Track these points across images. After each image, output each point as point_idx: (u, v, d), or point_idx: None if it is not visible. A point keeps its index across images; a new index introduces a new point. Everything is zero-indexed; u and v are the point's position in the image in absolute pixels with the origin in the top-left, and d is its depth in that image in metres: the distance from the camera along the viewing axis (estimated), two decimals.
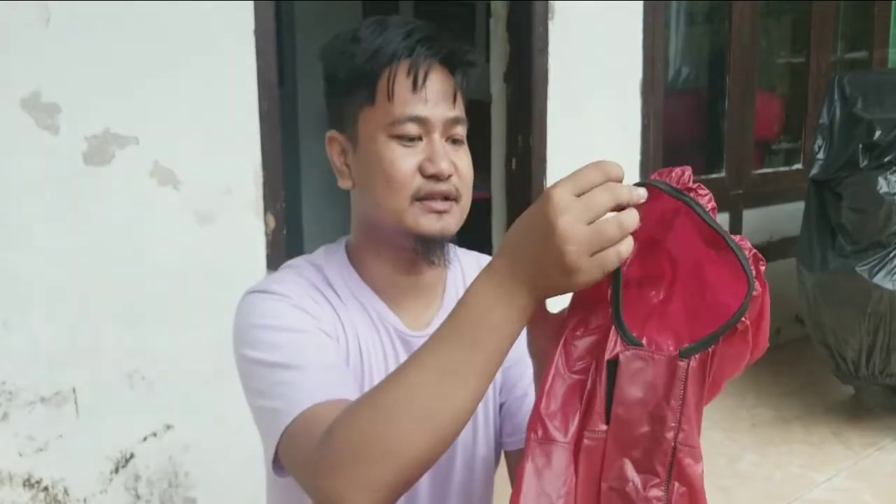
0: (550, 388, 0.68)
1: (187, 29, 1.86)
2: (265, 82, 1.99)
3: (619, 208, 0.65)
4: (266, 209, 2.01)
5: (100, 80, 1.76)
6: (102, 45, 1.76)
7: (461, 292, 1.05)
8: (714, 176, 3.61)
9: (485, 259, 1.15)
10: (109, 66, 1.77)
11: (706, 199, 0.68)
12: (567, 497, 0.67)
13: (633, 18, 3.02)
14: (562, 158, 2.79)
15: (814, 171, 2.95)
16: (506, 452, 1.12)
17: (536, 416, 0.68)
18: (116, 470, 1.86)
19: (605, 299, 0.69)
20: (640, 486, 0.66)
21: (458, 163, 0.96)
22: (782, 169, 4.09)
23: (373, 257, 1.01)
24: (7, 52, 1.65)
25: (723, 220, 3.29)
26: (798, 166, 4.04)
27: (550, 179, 2.75)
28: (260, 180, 2.00)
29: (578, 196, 0.64)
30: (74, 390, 1.78)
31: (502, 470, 1.12)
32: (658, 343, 0.67)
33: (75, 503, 1.81)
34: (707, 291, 0.67)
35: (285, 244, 2.07)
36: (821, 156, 2.95)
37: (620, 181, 0.66)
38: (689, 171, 0.69)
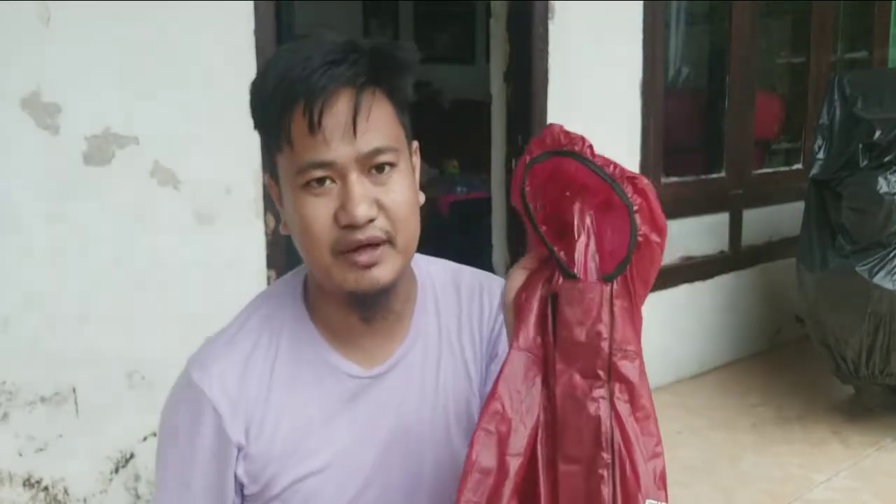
0: (524, 319, 0.84)
1: (187, 29, 1.86)
2: None
3: None
4: (266, 209, 2.01)
5: (100, 80, 1.76)
6: (102, 45, 1.76)
7: (430, 318, 1.00)
8: (714, 176, 3.61)
9: (463, 275, 1.07)
10: (109, 66, 1.77)
11: (581, 145, 0.81)
12: (531, 397, 0.83)
13: (632, 18, 3.02)
14: None
15: (814, 171, 2.95)
16: None
17: (515, 332, 0.84)
18: (116, 470, 1.86)
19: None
20: (586, 389, 0.79)
21: (385, 199, 0.84)
22: (782, 169, 4.09)
23: (323, 302, 0.94)
24: (7, 52, 1.65)
25: (722, 219, 3.26)
26: (798, 166, 4.04)
27: None
28: (260, 180, 2.00)
29: None
30: (74, 390, 1.78)
31: None
32: (590, 272, 0.82)
33: (75, 503, 1.81)
34: (615, 220, 0.81)
35: (285, 244, 2.07)
36: (821, 156, 2.95)
37: None
38: (554, 129, 0.82)
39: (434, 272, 1.04)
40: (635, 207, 0.79)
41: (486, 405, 0.83)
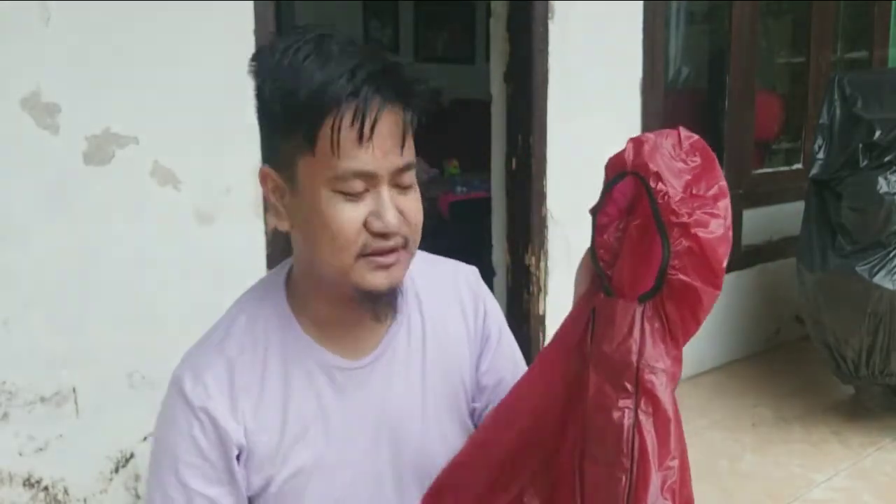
0: (568, 322, 0.94)
1: (187, 29, 1.86)
2: None
3: None
4: (266, 209, 2.01)
5: (100, 80, 1.76)
6: (102, 45, 1.76)
7: (412, 307, 1.04)
8: None
9: (437, 264, 1.12)
10: (109, 66, 1.77)
11: (645, 171, 0.85)
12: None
13: (633, 18, 3.02)
14: (562, 158, 2.79)
15: (814, 170, 2.95)
16: None
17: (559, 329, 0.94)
18: (116, 470, 1.86)
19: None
20: (614, 398, 0.84)
21: (405, 208, 0.89)
22: (782, 169, 4.09)
23: (314, 297, 0.97)
24: (7, 52, 1.65)
25: None
26: (798, 166, 4.04)
27: (550, 179, 2.75)
28: None
29: None
30: (74, 390, 1.78)
31: None
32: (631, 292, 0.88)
33: (75, 503, 1.81)
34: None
35: (285, 244, 2.07)
36: (821, 156, 2.95)
37: None
38: (627, 146, 0.87)
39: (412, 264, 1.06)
40: (679, 248, 0.83)
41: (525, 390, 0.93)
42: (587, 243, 0.92)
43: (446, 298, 1.08)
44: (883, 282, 2.62)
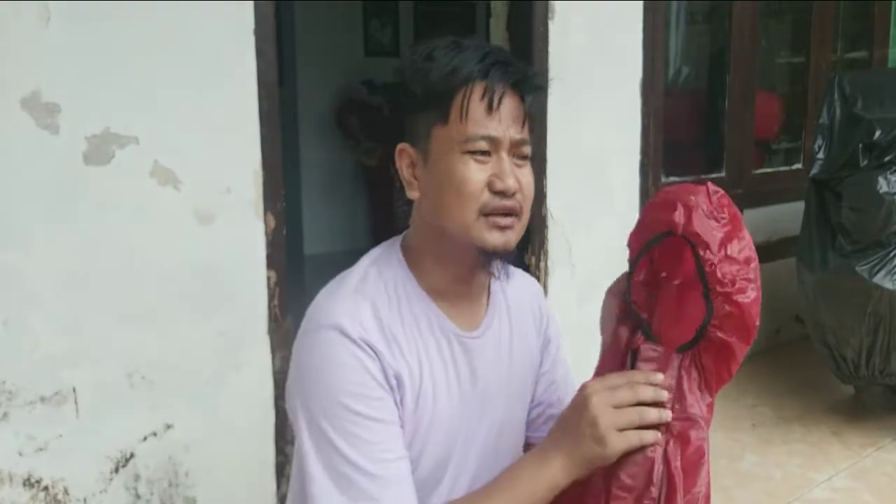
0: (608, 359, 1.05)
1: (187, 29, 1.86)
2: (265, 82, 1.99)
3: (649, 404, 0.93)
4: (266, 209, 2.01)
5: (100, 79, 1.76)
6: (102, 44, 1.76)
7: (501, 298, 1.16)
8: (714, 176, 3.61)
9: (516, 270, 1.23)
10: (109, 66, 1.77)
11: (696, 238, 0.95)
12: None
13: (633, 18, 3.01)
14: (561, 158, 2.79)
15: (814, 170, 2.96)
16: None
17: (598, 366, 1.06)
18: (116, 470, 1.86)
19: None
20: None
21: (521, 179, 1.02)
22: (782, 169, 4.09)
23: (433, 264, 1.07)
24: (7, 52, 1.65)
25: None
26: (798, 166, 4.05)
27: (550, 179, 2.75)
28: (260, 180, 2.00)
29: (608, 390, 0.92)
30: (74, 390, 1.78)
31: None
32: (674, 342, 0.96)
33: (75, 503, 1.81)
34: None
35: (285, 244, 2.07)
36: (821, 155, 2.95)
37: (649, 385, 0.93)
38: (687, 212, 0.97)
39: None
40: (721, 313, 0.92)
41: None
42: (587, 243, 0.95)
43: (522, 297, 1.21)
44: (883, 282, 2.62)
